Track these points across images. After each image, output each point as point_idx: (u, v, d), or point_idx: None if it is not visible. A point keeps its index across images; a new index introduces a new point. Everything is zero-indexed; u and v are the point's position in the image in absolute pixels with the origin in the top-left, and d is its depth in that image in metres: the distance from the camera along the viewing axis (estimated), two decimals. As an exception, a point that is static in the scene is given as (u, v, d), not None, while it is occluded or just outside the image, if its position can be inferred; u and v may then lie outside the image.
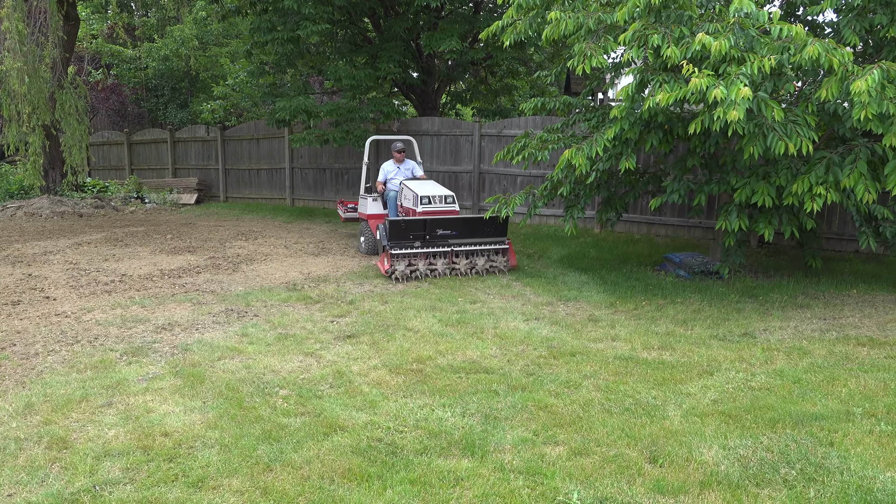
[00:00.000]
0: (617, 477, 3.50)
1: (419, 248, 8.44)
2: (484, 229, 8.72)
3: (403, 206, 9.31)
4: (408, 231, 8.37)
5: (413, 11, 13.21)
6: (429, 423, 4.18)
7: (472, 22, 13.51)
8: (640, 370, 5.11)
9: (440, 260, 8.58)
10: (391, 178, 9.99)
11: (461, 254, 8.67)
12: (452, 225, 8.57)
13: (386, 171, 10.08)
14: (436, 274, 8.54)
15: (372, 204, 10.05)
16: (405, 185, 9.31)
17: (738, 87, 5.52)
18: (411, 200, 9.00)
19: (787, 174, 6.85)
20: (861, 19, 6.80)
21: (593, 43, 6.68)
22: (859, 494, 3.25)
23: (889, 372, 4.96)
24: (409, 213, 8.99)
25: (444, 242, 8.57)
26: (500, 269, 8.79)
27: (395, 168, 10.08)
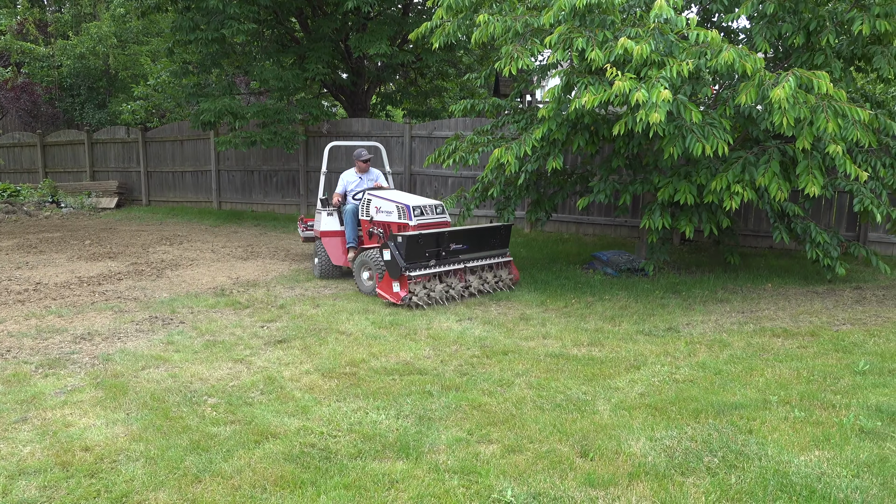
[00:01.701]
0: (549, 472, 3.56)
1: (435, 268, 7.25)
2: (490, 241, 7.77)
3: (376, 220, 7.91)
4: (424, 248, 7.14)
5: (341, 12, 13.09)
6: (363, 426, 4.15)
7: (401, 23, 13.50)
8: (570, 367, 5.22)
9: (454, 279, 7.45)
10: (353, 189, 8.68)
11: (472, 270, 7.64)
12: (464, 238, 7.50)
13: (346, 181, 8.73)
14: (451, 296, 7.35)
15: (326, 219, 8.58)
16: (376, 197, 8.00)
17: (659, 90, 5.72)
18: (395, 213, 7.64)
19: (707, 173, 7.13)
20: (771, 27, 7.15)
21: (520, 45, 6.79)
22: (776, 478, 3.41)
23: (802, 361, 5.23)
24: (392, 229, 7.64)
25: (456, 258, 7.46)
26: (508, 286, 7.89)
27: (358, 178, 8.75)
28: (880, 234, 9.39)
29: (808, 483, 3.35)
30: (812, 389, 4.61)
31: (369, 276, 7.69)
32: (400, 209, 7.63)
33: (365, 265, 7.74)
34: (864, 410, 4.22)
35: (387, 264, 7.07)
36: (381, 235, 7.82)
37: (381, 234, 7.82)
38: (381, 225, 7.87)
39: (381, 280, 7.30)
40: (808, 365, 5.13)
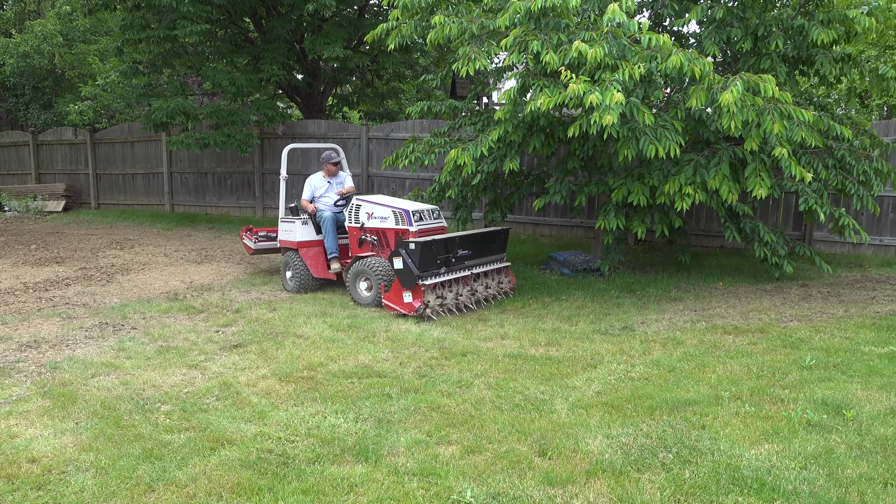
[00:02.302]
0: (508, 472, 3.58)
1: (446, 275, 6.92)
2: (491, 245, 7.55)
3: (368, 226, 7.45)
4: (436, 254, 6.80)
5: (296, 13, 12.96)
6: (321, 430, 4.11)
7: (356, 25, 13.43)
8: (528, 367, 5.26)
9: (461, 286, 7.14)
10: (321, 195, 8.22)
11: (476, 277, 7.34)
12: (469, 243, 7.19)
13: (314, 186, 8.23)
14: (460, 305, 7.05)
15: (303, 229, 7.97)
16: (366, 202, 7.52)
17: (612, 92, 5.81)
18: (392, 219, 7.25)
19: (660, 175, 7.28)
20: (720, 32, 7.33)
21: (477, 47, 6.83)
22: (728, 472, 3.49)
23: (752, 357, 5.37)
24: (388, 236, 7.28)
25: (462, 265, 7.18)
26: (507, 293, 7.68)
27: (326, 182, 8.26)
28: (825, 233, 9.71)
29: (759, 476, 3.44)
30: (761, 385, 4.74)
31: (368, 287, 7.26)
32: (398, 215, 7.22)
33: (362, 275, 7.28)
34: (810, 404, 4.35)
35: (398, 273, 6.64)
36: (375, 243, 7.42)
37: (375, 241, 7.42)
38: (374, 232, 7.44)
39: (389, 290, 6.88)
40: (757, 361, 5.27)
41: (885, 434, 3.89)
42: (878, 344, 5.62)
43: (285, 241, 8.10)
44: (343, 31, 12.77)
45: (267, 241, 8.83)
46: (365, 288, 7.31)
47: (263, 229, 9.04)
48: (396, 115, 16.50)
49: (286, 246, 8.08)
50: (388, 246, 7.28)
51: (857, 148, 7.98)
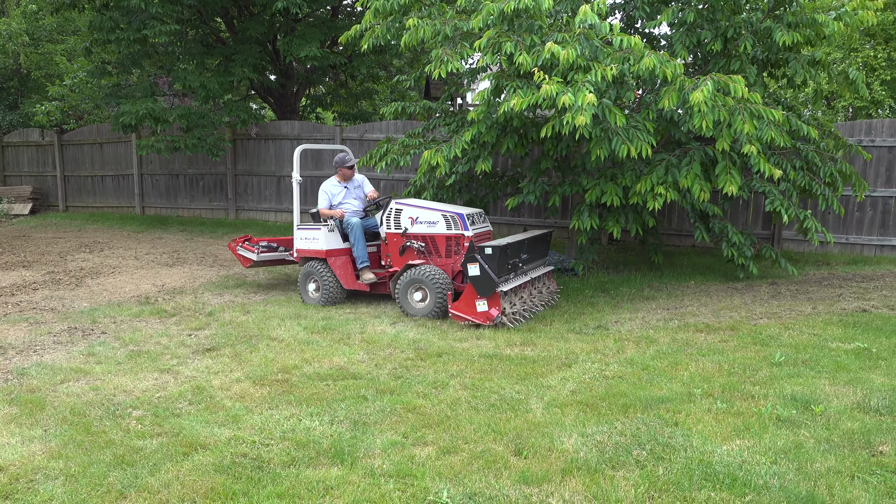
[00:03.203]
0: (485, 472, 3.59)
1: (515, 280, 6.65)
2: (540, 248, 7.27)
3: (412, 232, 7.01)
4: (508, 259, 6.47)
5: (269, 14, 12.86)
6: (296, 433, 4.08)
7: (329, 26, 13.37)
8: (503, 366, 5.28)
9: (524, 292, 6.88)
10: (341, 202, 7.70)
11: (533, 282, 7.11)
12: (528, 247, 6.90)
13: (332, 192, 7.68)
14: (527, 312, 6.69)
15: (329, 236, 7.42)
16: (408, 206, 7.10)
17: (585, 93, 5.86)
18: (442, 224, 6.88)
19: (633, 175, 7.35)
20: (691, 34, 7.43)
21: (450, 49, 6.84)
22: (701, 468, 3.54)
23: (723, 354, 5.45)
24: (438, 242, 6.94)
25: (522, 270, 6.89)
26: (555, 298, 7.36)
27: (343, 188, 7.73)
28: (793, 232, 9.89)
29: (730, 471, 3.49)
30: (733, 381, 4.81)
31: (423, 297, 6.77)
32: (449, 219, 6.86)
33: (417, 284, 6.76)
34: (780, 400, 4.42)
35: (473, 280, 6.23)
36: (422, 250, 7.00)
37: (423, 248, 6.99)
38: (421, 238, 6.98)
39: (457, 300, 6.49)
40: (728, 358, 5.34)
41: (852, 428, 3.97)
42: (844, 340, 5.73)
43: (308, 250, 7.50)
44: (316, 32, 12.70)
45: (269, 251, 8.18)
46: (419, 298, 6.79)
47: (264, 239, 8.40)
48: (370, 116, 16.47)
49: (309, 255, 7.50)
50: (438, 252, 6.93)
51: (822, 150, 8.14)
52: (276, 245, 8.26)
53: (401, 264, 7.06)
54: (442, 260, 6.94)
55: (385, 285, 7.34)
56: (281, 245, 8.28)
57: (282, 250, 8.23)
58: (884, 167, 9.58)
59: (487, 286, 6.21)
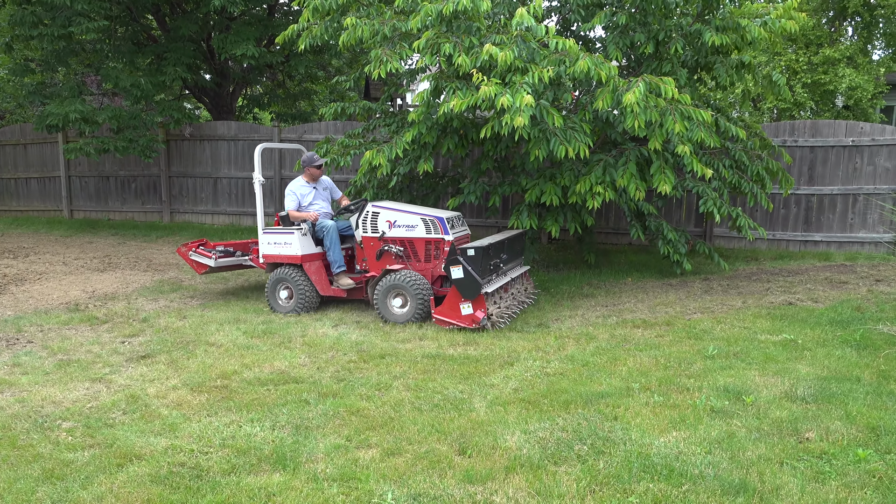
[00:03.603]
0: (429, 472, 3.59)
1: (496, 282, 6.60)
2: (517, 248, 7.26)
3: (390, 236, 6.82)
4: (490, 260, 6.41)
5: (203, 11, 12.55)
6: (236, 440, 4.00)
7: (266, 25, 13.14)
8: (447, 366, 5.30)
9: (504, 293, 6.86)
10: (310, 203, 7.39)
11: (512, 282, 7.05)
12: (506, 247, 6.85)
13: (300, 194, 7.33)
14: (511, 312, 6.67)
15: (303, 241, 7.07)
16: (385, 209, 6.89)
17: (522, 95, 5.94)
18: (421, 227, 6.72)
19: (571, 175, 7.49)
20: (624, 37, 7.61)
21: (389, 49, 6.82)
22: (640, 460, 3.63)
23: (660, 349, 5.60)
24: (417, 246, 6.80)
25: (502, 270, 6.87)
26: (533, 298, 7.39)
27: (311, 188, 7.41)
28: (724, 229, 10.24)
29: (668, 462, 3.59)
30: (669, 375, 4.95)
31: (402, 303, 6.63)
32: (428, 222, 6.71)
33: (396, 290, 6.60)
34: (713, 392, 4.58)
35: (457, 283, 6.12)
36: (401, 254, 6.82)
37: (401, 252, 6.82)
38: (399, 242, 6.82)
39: (441, 304, 6.39)
40: (665, 352, 5.50)
41: (781, 417, 4.14)
42: (773, 332, 5.98)
43: (279, 255, 7.16)
44: (252, 31, 12.46)
45: (227, 256, 7.80)
46: (399, 305, 6.65)
47: (220, 243, 7.97)
48: (309, 117, 16.27)
49: (280, 261, 7.18)
50: (417, 257, 6.81)
51: (750, 149, 8.47)
52: (233, 249, 7.93)
53: (378, 269, 6.89)
54: (421, 264, 6.80)
55: (361, 290, 7.14)
56: (238, 249, 7.96)
57: (239, 255, 7.93)
58: (806, 166, 10.03)
59: (472, 288, 6.11)
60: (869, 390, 4.50)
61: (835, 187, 9.94)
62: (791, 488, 3.33)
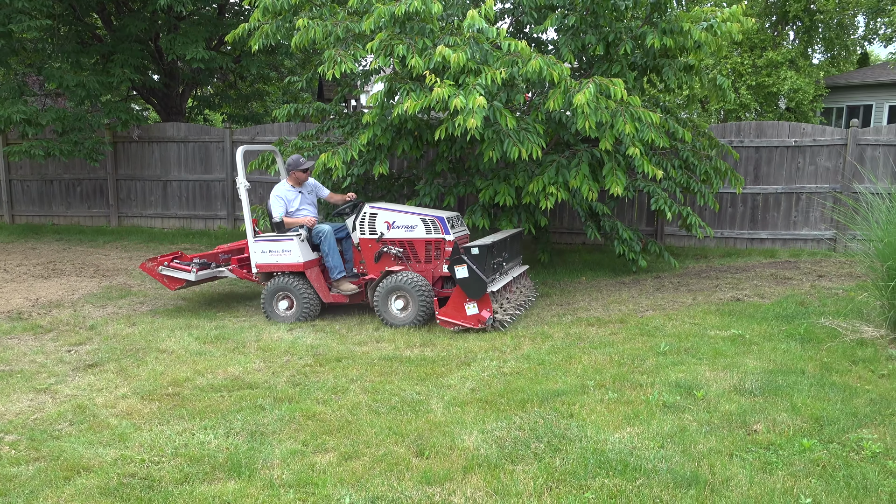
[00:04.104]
0: (387, 475, 3.58)
1: (502, 280, 6.59)
2: (515, 247, 7.19)
3: (388, 237, 6.70)
4: (494, 259, 6.40)
5: (150, 10, 12.26)
6: (189, 448, 3.92)
7: (216, 24, 12.92)
8: (404, 368, 5.29)
9: (509, 291, 6.83)
10: (298, 208, 7.07)
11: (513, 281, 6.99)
12: (506, 246, 6.82)
13: (286, 199, 6.99)
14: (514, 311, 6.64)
15: (301, 247, 6.77)
16: (383, 210, 6.76)
17: (475, 96, 5.97)
18: (421, 228, 6.63)
19: (525, 176, 7.56)
20: (575, 39, 7.72)
21: (343, 50, 6.78)
22: (595, 456, 3.68)
23: (613, 346, 5.69)
24: (417, 247, 6.70)
25: (504, 269, 6.82)
26: (532, 299, 7.34)
27: (297, 193, 7.08)
28: (674, 228, 10.47)
29: (622, 458, 3.65)
30: (623, 372, 5.03)
31: (404, 306, 6.52)
32: (428, 222, 6.62)
33: (398, 292, 6.48)
34: (666, 387, 4.68)
35: (462, 283, 6.05)
36: (400, 255, 6.69)
37: (401, 253, 6.69)
38: (398, 243, 6.70)
39: (444, 305, 6.30)
40: (618, 350, 5.59)
41: (730, 410, 4.26)
42: (721, 328, 6.13)
43: (277, 264, 6.82)
44: (202, 31, 12.23)
45: (205, 269, 7.36)
46: (401, 307, 6.54)
47: (196, 255, 7.55)
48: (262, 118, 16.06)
49: (277, 270, 6.85)
50: (417, 258, 6.70)
51: (698, 149, 8.68)
52: (208, 261, 7.51)
53: (376, 271, 6.76)
54: (421, 266, 6.70)
55: (362, 294, 6.98)
56: (212, 261, 7.58)
57: (213, 266, 7.50)
58: (752, 166, 10.32)
59: (477, 288, 6.04)
60: (812, 382, 4.66)
61: (779, 186, 10.26)
62: (740, 479, 3.42)
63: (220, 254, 7.69)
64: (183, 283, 7.32)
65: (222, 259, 7.65)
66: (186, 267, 7.25)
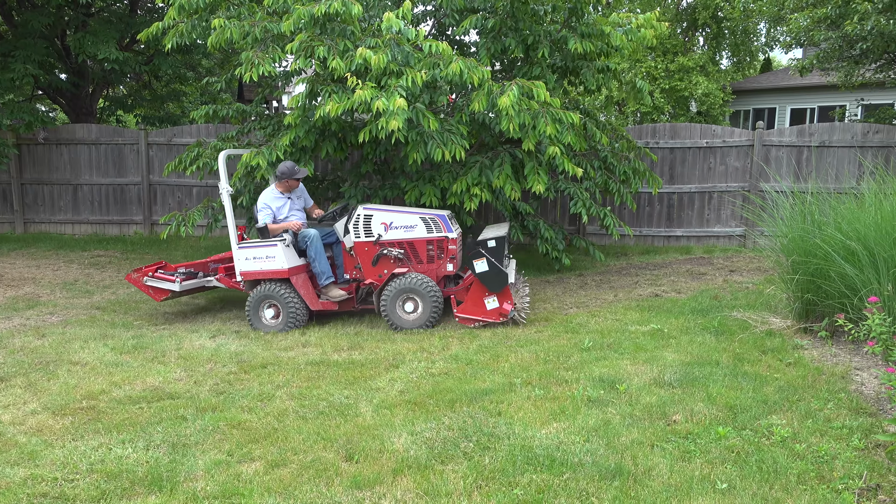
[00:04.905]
0: (316, 482, 3.53)
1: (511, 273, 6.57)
2: (509, 245, 7.26)
3: (386, 239, 6.55)
4: (505, 251, 6.43)
5: (55, 5, 11.66)
6: (106, 464, 3.75)
7: (129, 22, 12.42)
8: (331, 372, 5.23)
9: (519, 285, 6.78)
10: (286, 215, 6.85)
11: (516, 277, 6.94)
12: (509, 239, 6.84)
13: (275, 206, 6.78)
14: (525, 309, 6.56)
15: (287, 252, 6.57)
16: (379, 211, 6.61)
17: (395, 98, 5.96)
18: (421, 227, 6.54)
19: (450, 177, 7.61)
20: (497, 42, 7.82)
21: (261, 51, 6.64)
22: (523, 453, 3.74)
23: (539, 344, 5.80)
24: (418, 247, 6.58)
25: (509, 263, 6.84)
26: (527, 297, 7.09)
27: (286, 199, 6.88)
28: (596, 227, 10.76)
29: (549, 453, 3.72)
30: (548, 369, 5.14)
31: (415, 308, 6.44)
32: (429, 221, 6.53)
33: (409, 294, 6.38)
34: (590, 382, 4.80)
35: (482, 277, 6.06)
36: (401, 257, 6.54)
37: (402, 255, 6.55)
38: (398, 244, 6.55)
39: (464, 303, 6.33)
40: (544, 347, 5.70)
41: (651, 402, 4.41)
42: (641, 323, 6.34)
43: (261, 271, 6.59)
44: (113, 29, 11.73)
45: (190, 278, 7.10)
46: (411, 309, 6.44)
47: (181, 265, 7.31)
48: (179, 120, 15.55)
49: (261, 277, 6.61)
50: (419, 259, 6.58)
51: (617, 150, 8.95)
52: (194, 270, 7.25)
53: (374, 275, 6.60)
54: (423, 266, 6.58)
55: (352, 301, 6.79)
56: (199, 270, 7.27)
57: (201, 276, 7.24)
58: (667, 166, 10.73)
59: (498, 281, 6.04)
60: (726, 372, 4.88)
61: (693, 186, 10.71)
62: (661, 468, 3.55)
63: (209, 263, 7.41)
64: (168, 293, 7.04)
65: (211, 269, 7.35)
66: (170, 277, 6.95)
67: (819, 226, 5.61)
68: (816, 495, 3.24)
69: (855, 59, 10.92)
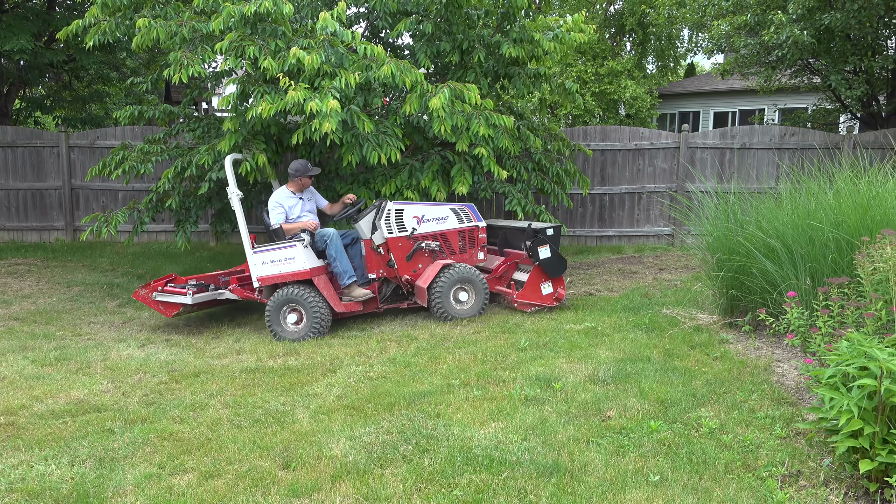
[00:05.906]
0: (252, 491, 3.45)
1: None
2: None
3: (420, 233, 6.58)
4: None
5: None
6: (27, 482, 3.57)
7: (46, 19, 11.88)
8: (267, 379, 5.13)
9: None
10: (299, 215, 6.67)
11: None
12: None
13: (287, 206, 6.61)
14: None
15: (306, 253, 6.36)
16: (409, 205, 6.64)
17: (329, 100, 5.91)
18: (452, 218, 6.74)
19: (384, 180, 7.59)
20: (431, 45, 7.85)
21: (190, 52, 6.47)
22: (462, 454, 3.76)
23: (476, 345, 5.84)
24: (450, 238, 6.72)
25: None
26: None
27: (298, 199, 6.71)
28: (530, 227, 10.91)
29: (488, 453, 3.75)
30: (486, 369, 5.18)
31: (468, 297, 6.63)
32: (458, 211, 6.74)
33: (463, 284, 6.55)
34: (527, 381, 4.86)
35: (545, 264, 6.53)
36: (436, 249, 6.64)
37: (437, 248, 6.65)
38: (432, 237, 6.65)
39: (523, 287, 6.66)
40: (482, 348, 5.74)
41: (586, 399, 4.50)
42: (576, 322, 6.47)
43: (280, 275, 6.31)
44: (29, 25, 11.19)
45: (202, 291, 6.75)
46: (465, 299, 6.63)
47: (191, 277, 7.02)
48: (103, 121, 14.98)
49: (281, 281, 6.33)
50: (452, 249, 6.72)
51: (551, 152, 9.11)
52: (205, 283, 6.93)
53: (408, 270, 6.62)
54: (457, 256, 6.76)
55: (374, 302, 6.61)
56: (210, 283, 6.93)
57: (212, 288, 6.90)
58: (598, 168, 10.99)
59: (558, 266, 6.52)
60: (657, 368, 5.03)
61: (623, 187, 11.00)
62: (597, 464, 3.63)
63: (219, 276, 7.10)
64: (179, 307, 6.67)
65: (222, 281, 7.03)
66: (182, 290, 6.62)
67: (741, 224, 5.85)
68: (743, 483, 3.38)
69: (772, 64, 11.45)
